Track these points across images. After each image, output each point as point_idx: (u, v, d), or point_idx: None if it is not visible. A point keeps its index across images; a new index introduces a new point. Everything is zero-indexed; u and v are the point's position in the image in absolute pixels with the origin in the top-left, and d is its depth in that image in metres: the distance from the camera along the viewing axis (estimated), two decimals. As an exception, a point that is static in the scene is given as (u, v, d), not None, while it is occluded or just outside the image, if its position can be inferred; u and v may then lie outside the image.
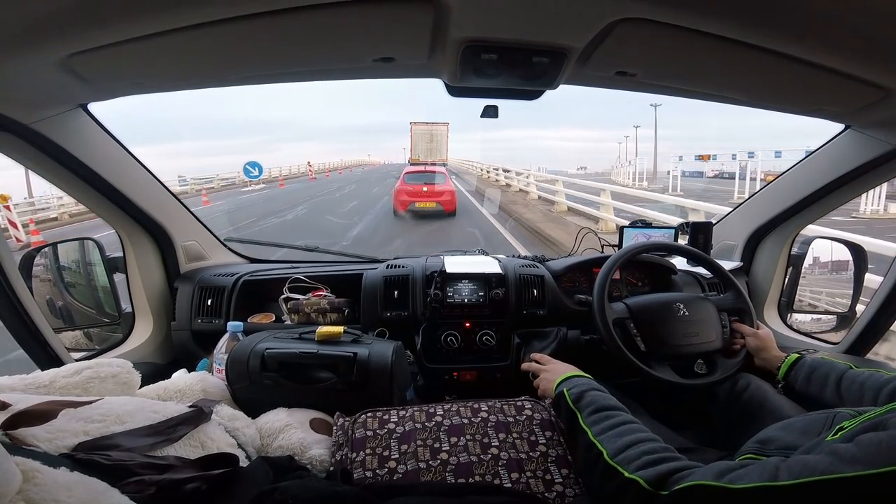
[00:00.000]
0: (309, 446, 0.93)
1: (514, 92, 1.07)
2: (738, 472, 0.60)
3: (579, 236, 1.90)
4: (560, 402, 0.93)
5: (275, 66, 0.95)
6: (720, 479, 0.60)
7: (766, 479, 0.57)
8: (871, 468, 0.51)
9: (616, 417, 0.83)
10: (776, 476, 0.57)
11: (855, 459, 0.53)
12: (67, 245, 1.50)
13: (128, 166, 1.32)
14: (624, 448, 0.74)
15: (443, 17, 0.73)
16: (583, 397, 0.90)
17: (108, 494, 0.51)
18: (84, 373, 0.83)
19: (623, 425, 0.80)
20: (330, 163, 42.30)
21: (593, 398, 0.89)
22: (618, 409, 0.87)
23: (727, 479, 0.60)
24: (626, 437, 0.76)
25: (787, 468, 0.57)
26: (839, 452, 0.55)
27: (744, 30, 0.72)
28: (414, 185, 11.52)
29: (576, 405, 0.89)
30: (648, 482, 0.66)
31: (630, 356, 1.21)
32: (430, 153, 25.74)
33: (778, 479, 0.56)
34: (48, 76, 0.83)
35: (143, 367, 0.95)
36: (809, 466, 0.55)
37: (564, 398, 0.92)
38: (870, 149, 1.21)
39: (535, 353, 1.25)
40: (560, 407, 0.93)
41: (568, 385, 0.95)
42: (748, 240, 1.66)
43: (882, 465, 0.51)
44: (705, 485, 0.61)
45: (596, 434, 0.80)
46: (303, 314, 1.49)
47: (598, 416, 0.84)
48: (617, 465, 0.72)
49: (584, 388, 0.93)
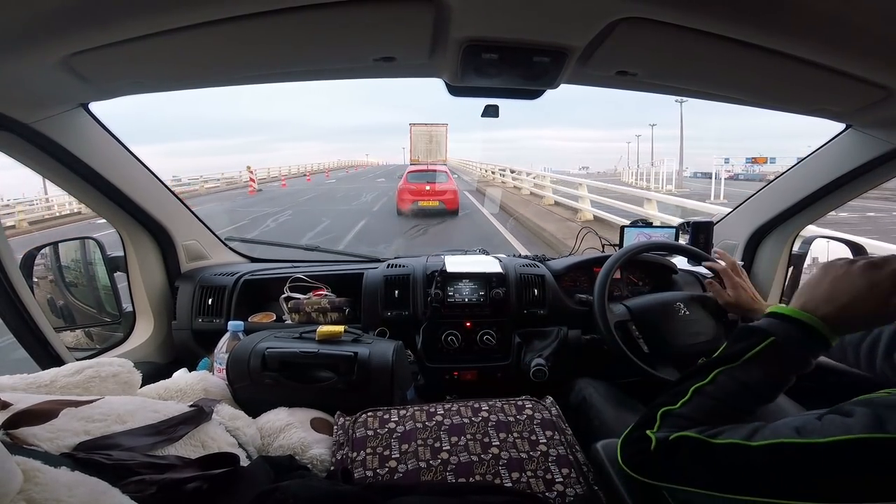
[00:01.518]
0: (309, 446, 0.93)
1: (515, 91, 1.07)
2: (720, 429, 0.63)
3: (580, 235, 1.90)
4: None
5: (275, 66, 0.94)
6: (702, 433, 0.63)
7: (741, 437, 0.60)
8: (820, 437, 0.54)
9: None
10: (751, 437, 0.59)
11: (814, 431, 0.55)
12: (68, 244, 1.50)
13: (128, 166, 1.32)
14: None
15: (443, 16, 0.73)
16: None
17: (109, 494, 0.51)
18: (85, 372, 0.84)
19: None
20: (308, 165, 37.83)
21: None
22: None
23: (708, 433, 0.62)
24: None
25: (761, 433, 0.59)
26: (803, 425, 0.57)
27: (745, 29, 0.72)
28: (417, 183, 11.64)
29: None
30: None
31: (633, 358, 1.20)
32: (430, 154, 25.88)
33: (752, 439, 0.59)
34: (49, 76, 0.83)
35: (143, 367, 0.95)
36: (777, 432, 0.58)
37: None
38: (871, 148, 1.21)
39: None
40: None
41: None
42: (749, 239, 1.66)
43: (829, 435, 0.54)
44: (691, 437, 0.63)
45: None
46: (303, 313, 1.49)
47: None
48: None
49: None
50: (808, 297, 0.69)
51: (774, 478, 0.55)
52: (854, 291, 0.65)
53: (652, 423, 0.70)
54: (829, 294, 0.67)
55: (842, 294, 0.66)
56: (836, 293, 0.67)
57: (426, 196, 11.27)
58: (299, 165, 35.70)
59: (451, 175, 12.53)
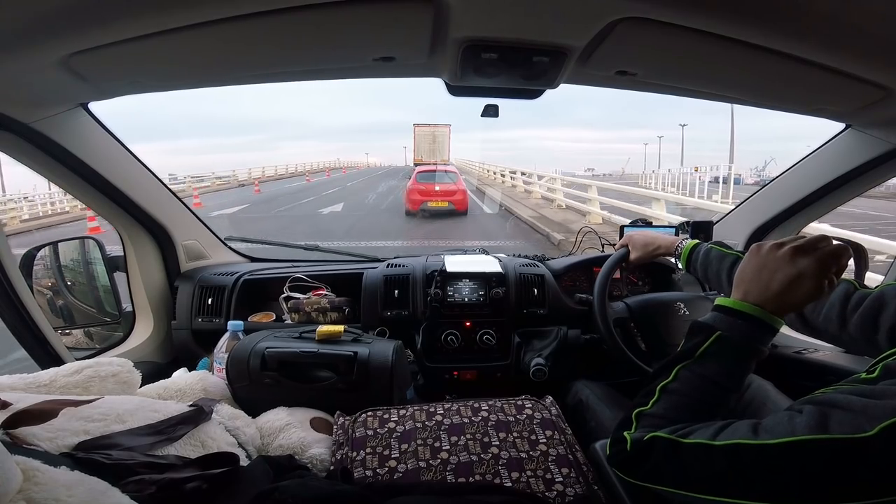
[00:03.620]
0: (309, 445, 0.93)
1: (515, 91, 1.07)
2: (691, 428, 0.62)
3: (580, 235, 1.90)
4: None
5: (275, 66, 0.94)
6: (674, 433, 0.63)
7: (707, 436, 0.59)
8: (771, 438, 0.54)
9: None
10: (716, 436, 0.59)
11: (766, 431, 0.55)
12: (68, 244, 1.50)
13: (128, 165, 1.32)
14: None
15: (443, 16, 0.73)
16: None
17: (109, 494, 0.51)
18: (84, 372, 0.84)
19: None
20: (297, 165, 34.65)
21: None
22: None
23: (679, 433, 0.62)
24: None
25: (725, 432, 0.59)
26: (760, 424, 0.57)
27: (745, 29, 0.72)
28: (426, 184, 11.54)
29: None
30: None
31: (630, 355, 1.20)
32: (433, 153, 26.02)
33: (716, 438, 0.58)
34: (48, 76, 0.83)
35: (143, 367, 0.95)
36: (737, 431, 0.58)
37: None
38: (870, 148, 1.21)
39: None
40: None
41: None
42: (749, 238, 1.65)
43: (777, 436, 0.53)
44: (662, 437, 0.63)
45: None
46: (303, 313, 1.49)
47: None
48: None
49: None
50: (746, 286, 0.70)
51: (733, 478, 0.55)
52: (784, 278, 0.67)
53: (629, 424, 0.70)
54: (763, 281, 0.68)
55: (773, 281, 0.67)
56: (768, 281, 0.68)
57: (435, 196, 11.19)
58: (287, 165, 34.03)
59: (461, 175, 12.41)
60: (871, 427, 0.48)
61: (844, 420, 0.50)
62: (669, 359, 0.72)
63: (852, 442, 0.48)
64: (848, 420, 0.50)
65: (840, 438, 0.49)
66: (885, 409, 0.48)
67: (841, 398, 0.53)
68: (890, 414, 0.48)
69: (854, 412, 0.50)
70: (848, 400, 0.52)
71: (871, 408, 0.50)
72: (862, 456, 0.48)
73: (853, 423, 0.49)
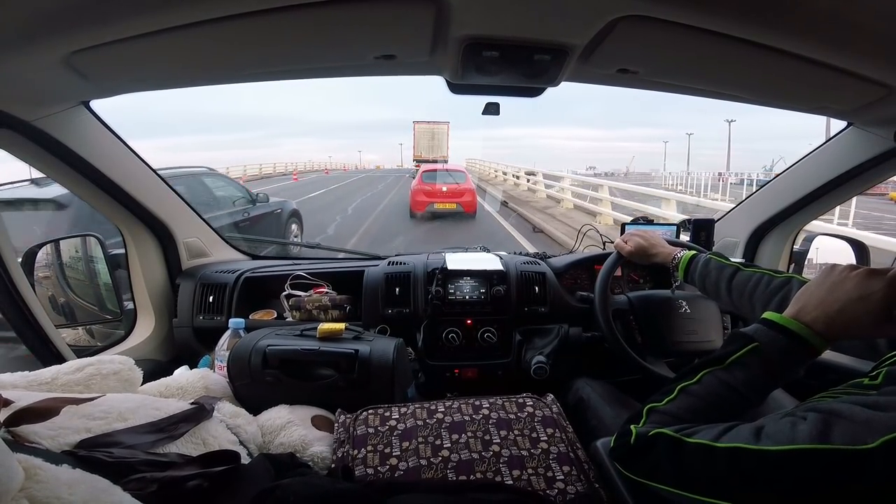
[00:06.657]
0: (310, 443, 0.93)
1: (516, 89, 1.06)
2: (696, 428, 0.62)
3: (580, 233, 1.90)
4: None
5: (276, 64, 0.94)
6: (679, 432, 0.63)
7: (710, 437, 0.59)
8: (772, 445, 0.53)
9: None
10: (719, 438, 0.59)
11: (767, 436, 0.55)
12: (69, 241, 1.51)
13: (129, 163, 1.32)
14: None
15: (444, 14, 0.73)
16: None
17: (110, 492, 0.51)
18: (86, 370, 0.84)
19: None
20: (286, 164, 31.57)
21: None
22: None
23: (684, 432, 0.62)
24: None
25: (728, 434, 0.59)
26: (762, 428, 0.57)
27: (746, 27, 0.72)
28: (432, 184, 10.83)
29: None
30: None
31: (626, 348, 1.21)
32: (432, 150, 25.99)
33: (719, 440, 0.58)
34: (50, 74, 0.83)
35: (144, 364, 0.96)
36: (739, 434, 0.57)
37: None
38: (872, 146, 1.20)
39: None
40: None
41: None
42: (750, 236, 1.65)
43: (778, 443, 0.53)
44: (666, 434, 0.63)
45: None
46: (304, 311, 1.49)
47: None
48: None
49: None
50: (805, 301, 0.68)
51: (732, 482, 0.55)
52: (845, 299, 0.64)
53: (638, 419, 0.70)
54: (822, 300, 0.66)
55: (834, 301, 0.65)
56: (828, 299, 0.65)
57: (442, 198, 10.49)
58: (275, 163, 31.55)
59: (469, 175, 11.83)
60: (872, 440, 0.47)
61: (847, 431, 0.50)
62: (698, 362, 0.72)
63: (852, 453, 0.48)
64: (850, 431, 0.50)
65: (841, 449, 0.49)
66: (889, 422, 0.48)
67: (845, 408, 0.53)
68: (893, 428, 0.47)
69: (857, 423, 0.50)
70: (852, 410, 0.52)
71: (875, 420, 0.49)
72: (861, 468, 0.47)
73: (855, 434, 0.49)
